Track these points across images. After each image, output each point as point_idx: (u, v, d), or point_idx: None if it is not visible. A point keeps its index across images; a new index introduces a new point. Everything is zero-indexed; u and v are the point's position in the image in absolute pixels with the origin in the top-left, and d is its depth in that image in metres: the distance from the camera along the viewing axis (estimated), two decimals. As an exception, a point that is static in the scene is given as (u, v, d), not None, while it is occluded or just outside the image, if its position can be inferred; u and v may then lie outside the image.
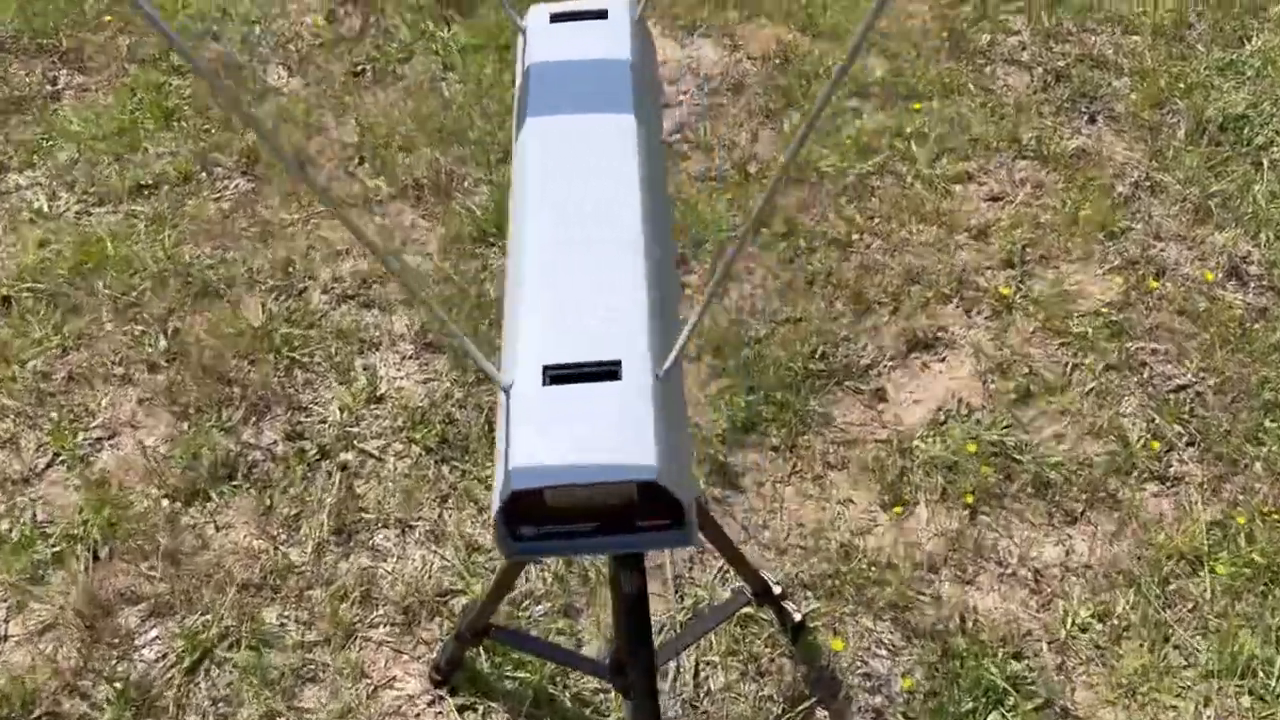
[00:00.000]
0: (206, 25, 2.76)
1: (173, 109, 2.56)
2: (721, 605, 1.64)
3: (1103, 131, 2.50)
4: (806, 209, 2.32)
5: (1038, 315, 2.13)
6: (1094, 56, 2.67)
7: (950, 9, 2.79)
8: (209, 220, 2.34)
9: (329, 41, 2.74)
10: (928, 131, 2.47)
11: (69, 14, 2.79)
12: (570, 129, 0.91)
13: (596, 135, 0.90)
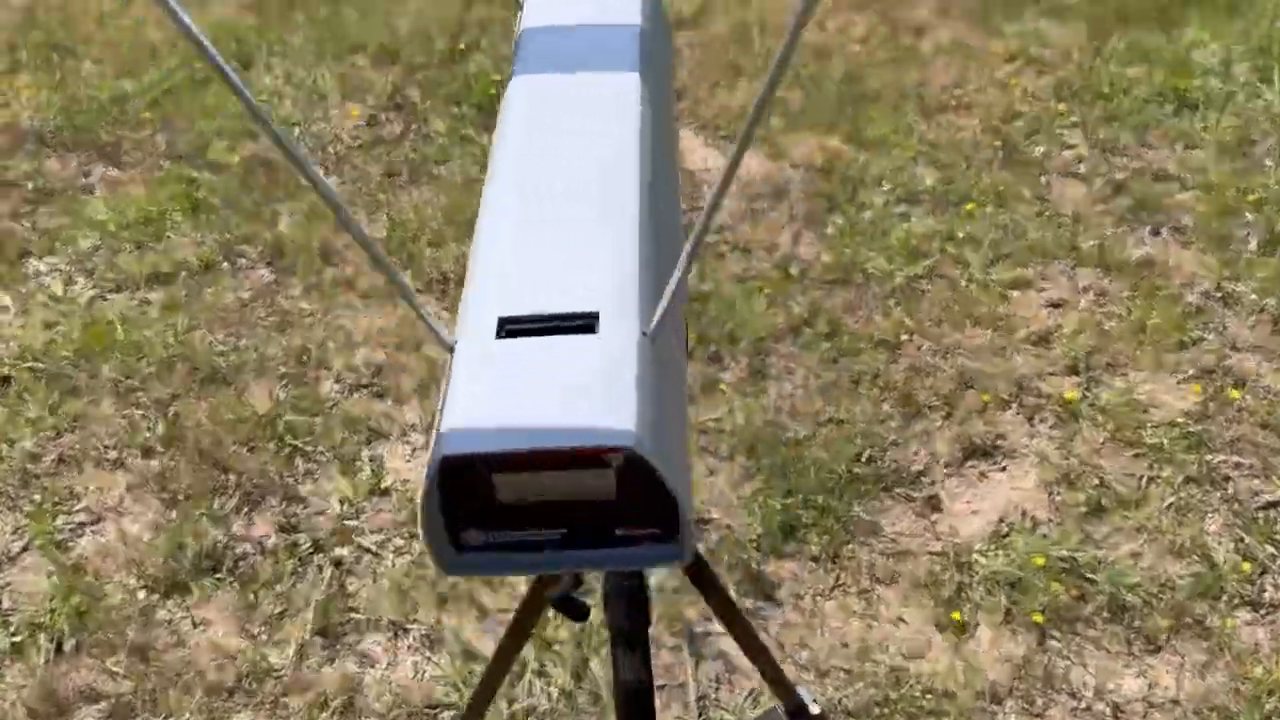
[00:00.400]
0: (247, 125, 2.73)
1: (201, 201, 2.50)
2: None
3: (1168, 242, 2.35)
4: (852, 310, 2.18)
5: (1106, 425, 1.95)
6: (1154, 170, 2.54)
7: (1003, 123, 2.69)
8: (225, 308, 2.24)
9: (367, 144, 2.70)
10: (980, 237, 2.34)
11: (111, 112, 2.79)
12: (564, 86, 0.78)
13: (593, 94, 0.77)
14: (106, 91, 2.85)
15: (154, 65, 2.94)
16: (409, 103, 2.82)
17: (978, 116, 2.72)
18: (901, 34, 3.04)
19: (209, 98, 2.82)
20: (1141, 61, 2.87)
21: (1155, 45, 2.92)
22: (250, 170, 2.61)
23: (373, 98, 2.84)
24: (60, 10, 3.19)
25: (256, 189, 2.55)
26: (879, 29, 3.07)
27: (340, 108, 2.82)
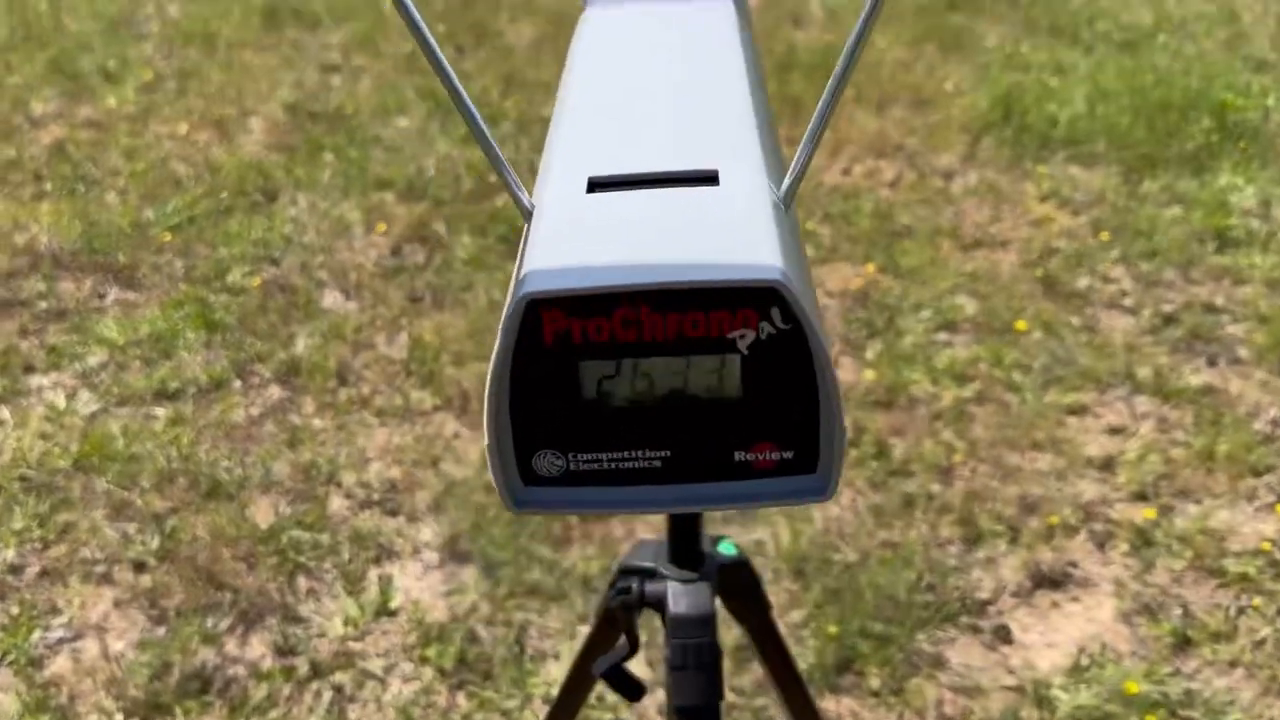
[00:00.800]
0: (269, 251, 2.67)
1: (216, 321, 2.42)
2: None
3: (1226, 372, 2.24)
4: (899, 432, 2.05)
5: (1184, 553, 1.78)
6: (1203, 303, 2.45)
7: (1042, 258, 2.63)
8: (233, 424, 2.12)
9: (390, 271, 2.63)
10: (1029, 363, 2.23)
11: (130, 238, 2.74)
12: (651, 12, 0.68)
13: (685, 18, 0.67)
14: (128, 218, 2.81)
15: (178, 195, 2.91)
16: (434, 234, 2.77)
17: (1015, 251, 2.66)
18: (930, 178, 3.02)
19: (232, 225, 2.78)
20: (1177, 203, 2.83)
21: (1189, 189, 2.89)
22: (269, 293, 2.53)
23: (398, 229, 2.79)
24: (90, 145, 3.20)
25: (274, 311, 2.46)
26: (907, 174, 3.05)
27: (364, 238, 2.77)
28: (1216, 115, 3.21)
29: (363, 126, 3.31)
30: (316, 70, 3.75)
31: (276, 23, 4.17)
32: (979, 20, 4.13)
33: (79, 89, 3.55)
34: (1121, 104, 3.31)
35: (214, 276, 2.60)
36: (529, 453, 0.44)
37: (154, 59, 3.81)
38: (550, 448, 0.44)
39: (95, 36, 3.96)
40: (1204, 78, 3.45)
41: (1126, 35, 3.91)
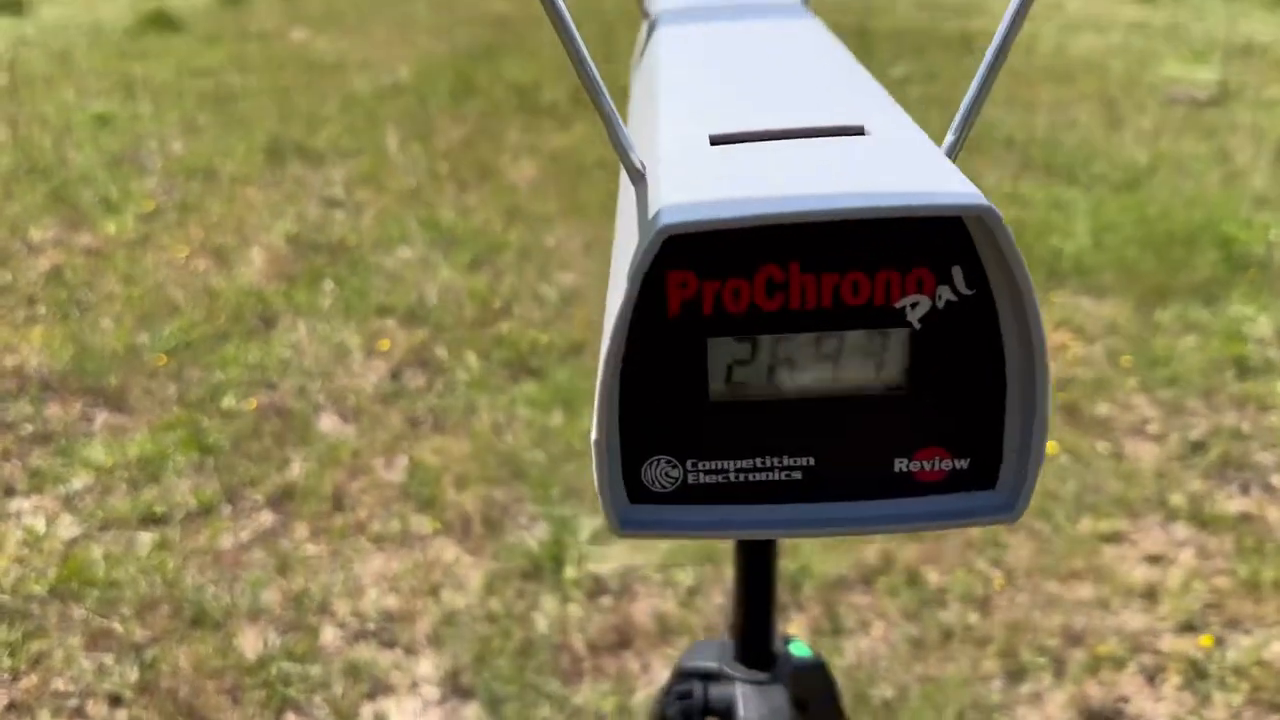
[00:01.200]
0: (266, 376, 2.59)
1: (209, 445, 2.32)
2: None
3: (1261, 499, 2.15)
4: (931, 560, 1.94)
5: (1240, 686, 1.66)
6: (1229, 430, 2.38)
7: (1060, 388, 2.56)
8: (221, 551, 2.00)
9: (389, 395, 2.55)
10: (1059, 490, 2.14)
11: (124, 360, 2.66)
12: (726, 20, 0.62)
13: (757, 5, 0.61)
14: (122, 341, 2.74)
15: (174, 320, 2.85)
16: (435, 359, 2.70)
17: (1032, 379, 2.59)
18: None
19: (229, 350, 2.71)
20: (1192, 332, 2.79)
21: (1202, 318, 2.85)
22: (264, 417, 2.44)
23: (399, 353, 2.72)
24: (87, 271, 3.15)
25: (268, 435, 2.37)
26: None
27: (364, 363, 2.70)
28: (1222, 247, 3.21)
29: (364, 256, 3.28)
30: (319, 204, 3.75)
31: (280, 159, 4.20)
32: (975, 160, 4.19)
33: (79, 217, 3.53)
34: (1126, 236, 3.31)
35: (208, 400, 2.51)
36: (637, 460, 0.35)
37: (156, 191, 3.81)
38: (664, 453, 0.35)
39: (98, 169, 3.96)
40: (1205, 212, 3.47)
41: (1124, 174, 3.96)
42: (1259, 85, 5.48)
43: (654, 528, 0.35)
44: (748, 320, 0.33)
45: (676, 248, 0.31)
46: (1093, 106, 5.08)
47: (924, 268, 0.32)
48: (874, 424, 0.35)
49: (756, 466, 0.35)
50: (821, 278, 0.32)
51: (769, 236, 0.32)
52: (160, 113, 4.79)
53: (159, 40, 6.31)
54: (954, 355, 0.33)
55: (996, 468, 0.35)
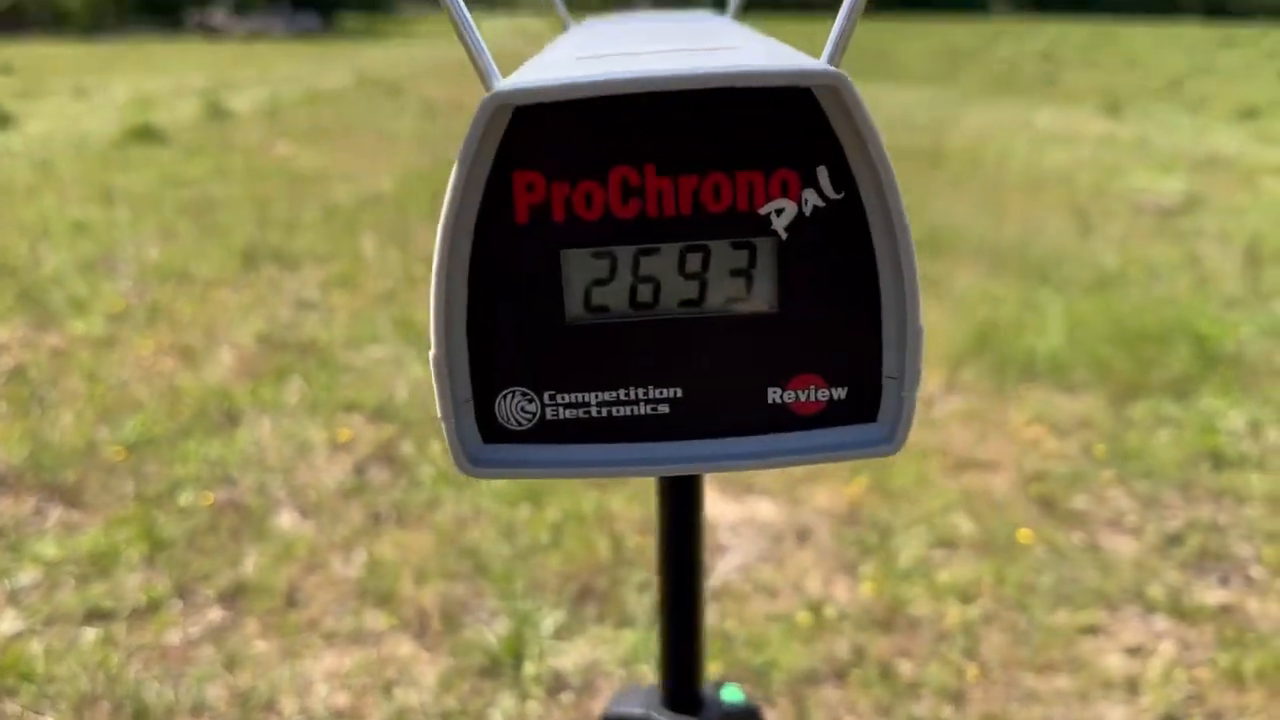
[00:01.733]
0: (226, 471, 2.54)
1: (163, 540, 2.25)
2: None
3: (1241, 590, 2.10)
4: (903, 653, 1.87)
5: (1230, 782, 1.59)
6: (1206, 523, 2.34)
7: (1036, 480, 2.53)
8: (168, 646, 1.92)
9: (351, 490, 2.49)
10: (1034, 582, 2.09)
11: (83, 455, 2.60)
12: (640, 18, 0.60)
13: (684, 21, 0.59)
14: (81, 438, 2.68)
15: (136, 416, 2.80)
16: (401, 454, 2.65)
17: (1006, 473, 2.56)
18: (913, 403, 2.96)
19: (190, 445, 2.65)
20: (1166, 426, 2.77)
21: (1175, 413, 2.84)
22: (220, 513, 2.38)
23: (364, 449, 2.67)
24: (51, 368, 3.12)
25: (224, 530, 2.30)
26: (889, 400, 2.99)
27: (327, 458, 2.65)
28: (1194, 344, 3.22)
29: (335, 355, 3.25)
30: (292, 306, 3.74)
31: (255, 263, 4.21)
32: (946, 262, 4.23)
33: (46, 318, 3.51)
34: (1098, 334, 3.32)
35: (165, 495, 2.45)
36: (490, 394, 0.31)
37: (128, 294, 3.80)
38: (520, 385, 0.32)
39: (70, 272, 3.96)
40: (1176, 311, 3.49)
41: (1095, 276, 4.00)
42: (1225, 194, 5.60)
43: (510, 466, 0.32)
44: (603, 229, 0.30)
45: (520, 142, 0.29)
46: (1063, 214, 5.17)
47: (787, 168, 0.30)
48: (745, 350, 0.31)
49: (620, 399, 0.32)
50: (679, 180, 0.30)
51: (620, 133, 0.29)
52: (138, 220, 4.82)
53: (143, 152, 6.39)
54: (824, 269, 0.30)
55: (876, 398, 0.32)
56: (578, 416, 0.32)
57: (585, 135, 0.29)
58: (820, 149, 0.30)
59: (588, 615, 2.00)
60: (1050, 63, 14.71)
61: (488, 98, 0.27)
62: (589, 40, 0.42)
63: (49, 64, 14.04)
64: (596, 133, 0.29)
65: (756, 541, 2.24)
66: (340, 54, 16.55)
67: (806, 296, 0.31)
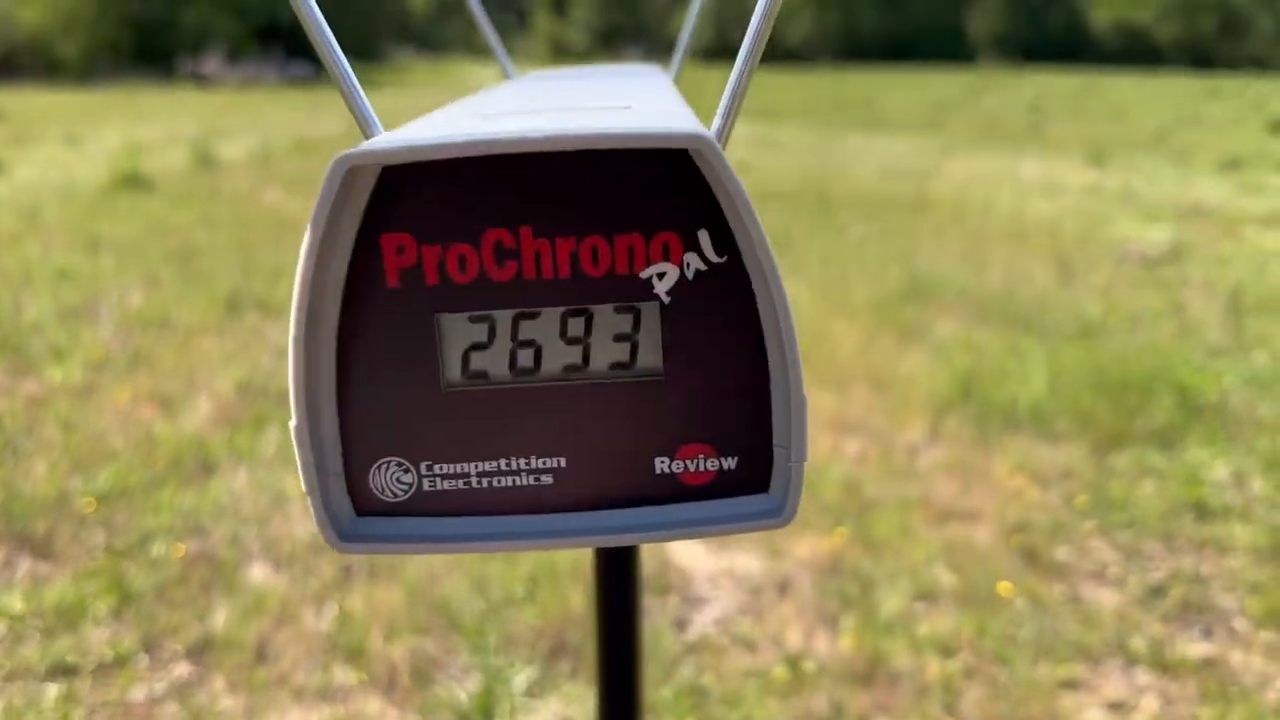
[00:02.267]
0: (199, 522, 2.51)
1: (132, 593, 2.21)
2: None
3: (1225, 642, 2.07)
4: (884, 709, 1.84)
5: (1213, 843, 1.55)
6: (1189, 575, 2.32)
7: (1018, 531, 2.51)
8: (131, 703, 1.88)
9: (324, 545, 2.46)
10: (1016, 635, 2.06)
11: (54, 506, 2.57)
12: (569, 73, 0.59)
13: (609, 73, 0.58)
14: (53, 488, 2.65)
15: (109, 466, 2.77)
16: (378, 505, 2.62)
17: (988, 524, 2.54)
18: (895, 453, 2.95)
19: (163, 496, 2.62)
20: (1149, 476, 2.76)
21: (1158, 463, 2.83)
22: (192, 565, 2.34)
23: (340, 500, 2.64)
24: (26, 417, 3.09)
25: (195, 583, 2.27)
26: (871, 449, 2.98)
27: (304, 510, 2.61)
28: (1177, 394, 3.21)
29: (314, 403, 3.23)
30: (274, 355, 3.73)
31: (238, 311, 4.20)
32: (930, 311, 4.23)
33: (24, 365, 3.48)
34: (1081, 383, 3.32)
35: (135, 547, 2.41)
36: (364, 464, 0.30)
37: (109, 342, 3.78)
38: (395, 454, 0.30)
39: (51, 320, 3.94)
40: (1160, 360, 3.49)
41: (1078, 325, 4.00)
42: (1209, 244, 5.64)
43: (383, 542, 0.30)
44: (479, 293, 0.29)
45: (387, 205, 0.28)
46: (1047, 263, 5.19)
47: (668, 231, 0.28)
48: (631, 418, 0.30)
49: (501, 469, 0.30)
50: (556, 242, 0.28)
51: (491, 194, 0.28)
52: (123, 268, 4.81)
53: (130, 200, 6.40)
54: (710, 334, 0.29)
55: (767, 468, 0.30)
56: (457, 487, 0.31)
57: (455, 197, 0.28)
58: (700, 212, 0.28)
59: (560, 672, 1.97)
60: (1036, 113, 14.87)
61: (339, 157, 0.26)
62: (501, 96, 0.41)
63: (42, 111, 14.12)
64: (465, 194, 0.28)
65: (735, 594, 2.21)
66: (333, 102, 16.67)
67: (692, 362, 0.30)
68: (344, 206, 0.27)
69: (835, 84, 21.39)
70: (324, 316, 0.28)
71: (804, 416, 0.29)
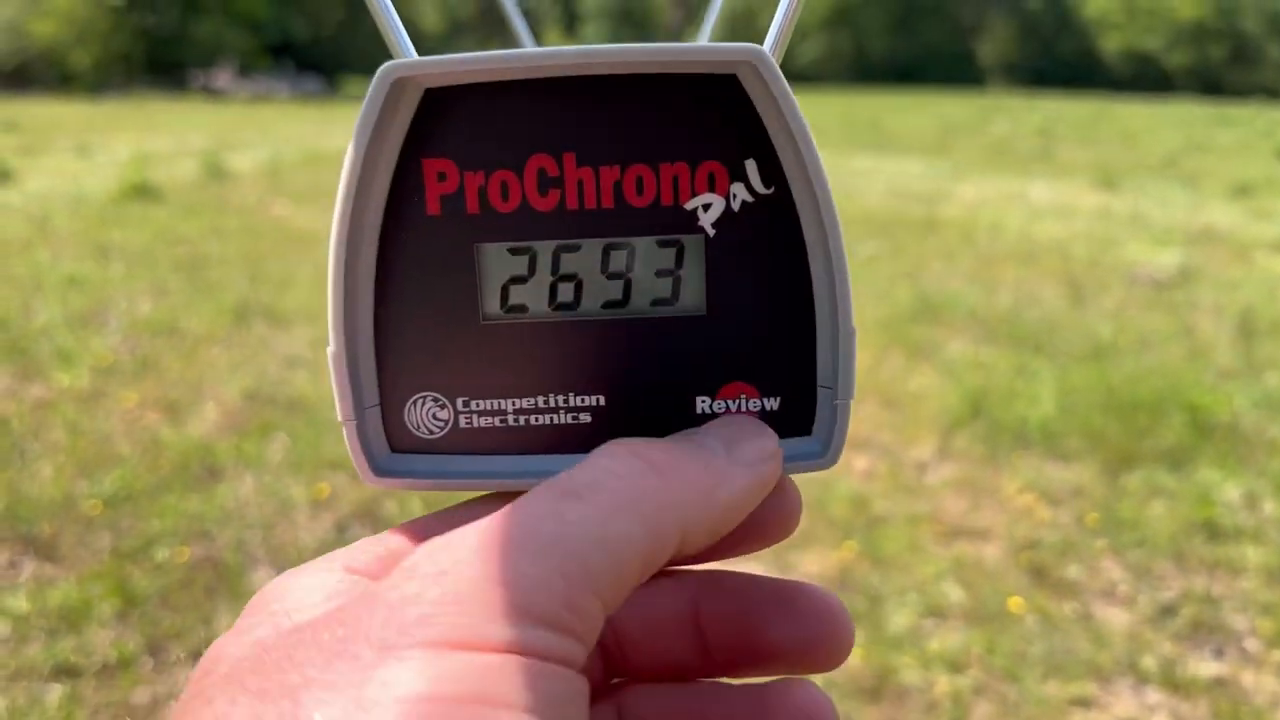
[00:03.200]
0: (204, 527, 2.50)
1: (137, 595, 2.20)
2: None
3: (1236, 663, 2.05)
4: (888, 722, 1.82)
5: None
6: (1200, 595, 2.30)
7: (1027, 549, 2.49)
8: (135, 705, 1.87)
9: (332, 547, 2.45)
10: (1025, 652, 2.04)
11: (60, 508, 2.56)
12: None
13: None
14: (60, 491, 2.65)
15: (116, 469, 2.77)
16: (383, 513, 2.62)
17: (998, 542, 2.52)
18: (904, 470, 2.94)
19: (169, 500, 2.62)
20: (1160, 496, 2.74)
21: (1169, 483, 2.81)
22: (196, 569, 2.33)
23: (347, 508, 2.63)
24: (34, 420, 3.09)
25: (199, 587, 2.26)
26: (880, 465, 2.97)
27: (309, 516, 2.61)
28: (1188, 415, 3.20)
29: (322, 412, 3.22)
30: (281, 363, 3.72)
31: (246, 320, 4.20)
32: (940, 330, 4.22)
33: (33, 370, 3.49)
34: (1091, 403, 3.30)
35: (140, 550, 2.41)
36: (401, 397, 0.29)
37: (117, 348, 3.78)
38: (431, 389, 0.29)
39: (60, 326, 3.95)
40: (1170, 381, 3.48)
41: (1088, 346, 3.99)
42: (1219, 268, 5.62)
43: (417, 478, 0.30)
44: (520, 222, 0.28)
45: (429, 127, 0.27)
46: (1056, 285, 5.18)
47: (714, 161, 0.28)
48: (672, 355, 0.29)
49: (539, 407, 0.30)
50: (600, 171, 0.28)
51: (537, 120, 0.27)
52: (132, 276, 4.82)
53: (140, 210, 6.42)
54: (755, 270, 0.28)
55: (811, 409, 0.29)
56: (493, 424, 0.30)
57: (499, 121, 0.28)
58: (748, 140, 0.28)
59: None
60: (1046, 138, 14.89)
61: (386, 66, 0.26)
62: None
63: (53, 122, 14.20)
64: (510, 119, 0.28)
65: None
66: (343, 116, 16.76)
67: (736, 299, 0.29)
68: (388, 124, 0.26)
69: (845, 105, 21.46)
70: (363, 242, 0.28)
71: (852, 351, 0.29)
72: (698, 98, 0.28)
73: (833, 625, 0.34)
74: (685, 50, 0.26)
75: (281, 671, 0.25)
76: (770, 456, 0.28)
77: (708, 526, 0.27)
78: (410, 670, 0.24)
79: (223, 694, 0.25)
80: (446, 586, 0.25)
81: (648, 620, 0.33)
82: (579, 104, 0.27)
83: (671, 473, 0.27)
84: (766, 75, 0.27)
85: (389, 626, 0.25)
